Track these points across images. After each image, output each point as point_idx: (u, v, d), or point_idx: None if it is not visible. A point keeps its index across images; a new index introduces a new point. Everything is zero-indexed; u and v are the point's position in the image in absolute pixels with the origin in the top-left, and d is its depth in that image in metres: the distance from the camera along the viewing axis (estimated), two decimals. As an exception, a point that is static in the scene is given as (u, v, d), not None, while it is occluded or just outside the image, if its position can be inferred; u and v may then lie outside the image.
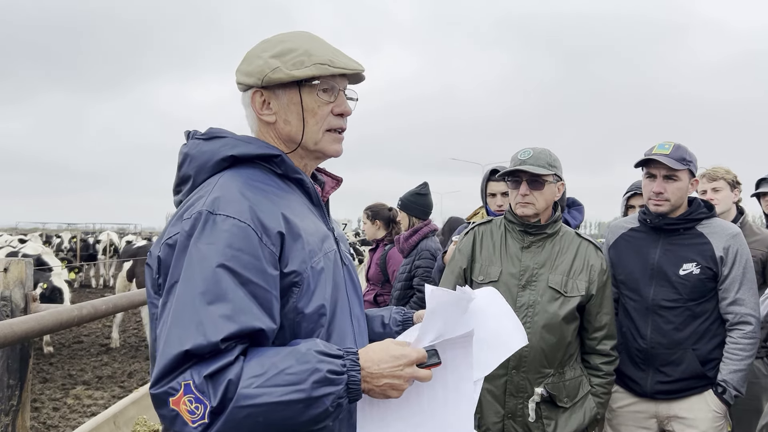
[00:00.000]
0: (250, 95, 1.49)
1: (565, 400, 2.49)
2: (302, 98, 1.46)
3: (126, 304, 3.99)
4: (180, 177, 1.47)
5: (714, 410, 2.66)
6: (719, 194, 3.71)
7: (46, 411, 6.58)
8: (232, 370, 1.19)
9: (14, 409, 3.35)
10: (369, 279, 4.98)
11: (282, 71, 1.42)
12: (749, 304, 2.66)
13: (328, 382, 1.24)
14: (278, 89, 1.46)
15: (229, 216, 1.28)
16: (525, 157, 2.55)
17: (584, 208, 3.56)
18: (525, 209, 2.55)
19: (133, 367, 8.64)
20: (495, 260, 2.60)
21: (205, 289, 1.22)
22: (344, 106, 1.51)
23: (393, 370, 1.31)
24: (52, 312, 3.16)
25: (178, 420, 1.18)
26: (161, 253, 1.32)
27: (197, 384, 1.17)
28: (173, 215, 1.40)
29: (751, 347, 2.65)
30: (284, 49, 1.45)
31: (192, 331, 1.19)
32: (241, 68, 1.50)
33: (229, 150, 1.42)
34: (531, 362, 2.46)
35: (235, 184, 1.36)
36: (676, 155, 2.66)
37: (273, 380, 1.20)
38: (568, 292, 2.50)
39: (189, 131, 1.51)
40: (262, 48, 1.49)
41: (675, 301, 2.66)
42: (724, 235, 2.69)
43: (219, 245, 1.25)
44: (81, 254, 20.69)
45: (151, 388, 1.19)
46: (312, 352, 1.25)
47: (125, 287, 10.69)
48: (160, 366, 1.19)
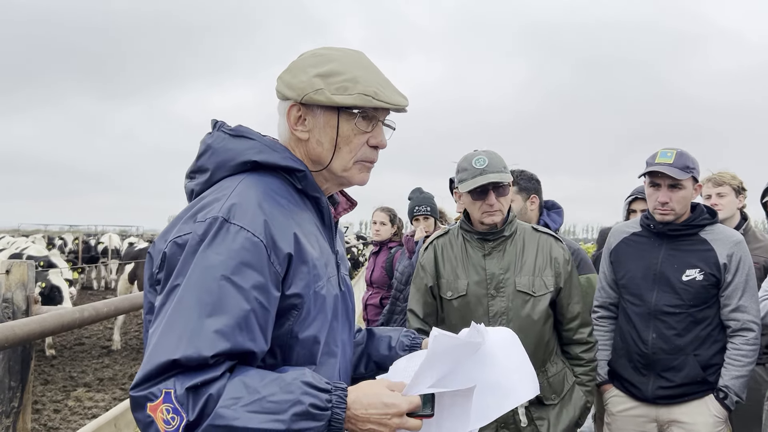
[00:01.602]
0: (287, 106, 1.43)
1: (553, 396, 2.49)
2: (339, 124, 1.41)
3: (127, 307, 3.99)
4: (197, 166, 1.44)
5: (715, 415, 2.66)
6: (724, 200, 3.70)
7: (47, 413, 6.57)
8: (214, 386, 1.15)
9: (15, 411, 3.35)
10: (373, 282, 4.96)
11: (324, 94, 1.37)
12: (751, 311, 2.66)
13: (310, 416, 1.18)
14: (317, 109, 1.41)
15: (243, 228, 1.24)
16: (482, 165, 2.45)
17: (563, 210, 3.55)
18: (494, 217, 2.50)
19: (134, 369, 8.63)
20: (460, 273, 2.55)
21: (205, 300, 1.18)
22: (380, 139, 1.46)
23: (380, 418, 1.25)
24: (54, 314, 3.16)
25: (152, 427, 1.14)
26: (167, 249, 1.28)
27: (178, 395, 1.13)
28: (185, 210, 1.35)
29: (753, 353, 2.65)
30: (331, 70, 1.39)
31: (184, 341, 1.15)
32: (284, 77, 1.44)
33: (254, 155, 1.38)
34: None
35: (254, 193, 1.32)
36: (680, 164, 2.65)
37: (253, 405, 1.15)
38: (537, 292, 2.48)
39: (217, 121, 1.46)
40: (310, 62, 1.42)
41: (677, 306, 2.66)
42: (727, 242, 2.69)
43: (227, 257, 1.21)
44: (83, 256, 20.71)
45: (132, 390, 1.16)
46: (298, 383, 1.20)
47: (127, 289, 10.69)
48: (144, 369, 1.15)
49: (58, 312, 3.25)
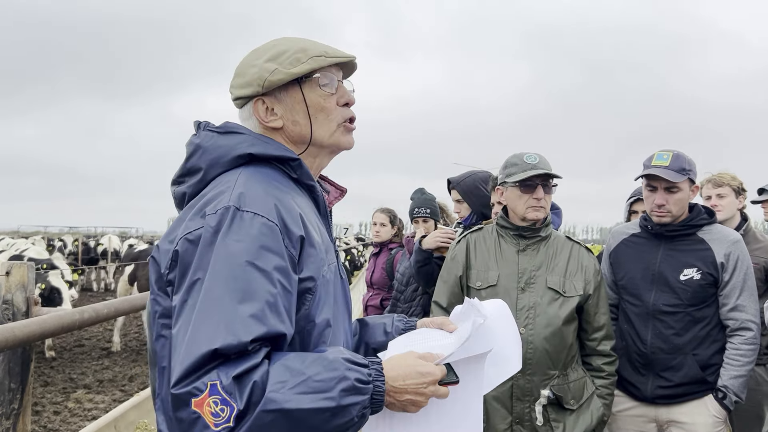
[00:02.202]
0: (251, 107, 1.46)
1: (572, 401, 2.49)
2: (305, 96, 1.45)
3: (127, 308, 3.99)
4: (187, 168, 1.43)
5: (714, 415, 2.66)
6: (724, 200, 3.70)
7: (47, 415, 6.57)
8: (257, 373, 1.14)
9: (15, 413, 3.34)
10: (373, 283, 4.95)
11: (281, 72, 1.42)
12: (750, 310, 2.67)
13: (356, 391, 1.20)
14: (280, 92, 1.45)
15: (257, 213, 1.25)
16: (534, 161, 2.56)
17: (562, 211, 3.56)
18: (538, 213, 2.56)
19: (134, 370, 8.63)
20: (491, 265, 2.60)
21: (234, 287, 1.18)
22: (348, 96, 1.50)
23: (417, 387, 1.28)
24: (54, 315, 3.16)
25: (199, 423, 1.11)
26: (179, 247, 1.26)
27: (224, 385, 1.11)
28: (186, 210, 1.35)
29: (752, 353, 2.65)
30: (277, 51, 1.44)
31: (221, 329, 1.14)
32: (235, 83, 1.48)
33: (247, 147, 1.39)
34: (536, 364, 2.45)
35: (257, 181, 1.34)
36: (676, 166, 2.66)
37: (301, 386, 1.16)
38: (567, 293, 2.51)
39: (200, 122, 1.48)
40: (254, 56, 1.47)
41: (675, 306, 2.67)
42: (725, 241, 2.70)
43: (248, 243, 1.22)
44: (82, 258, 20.71)
45: (173, 388, 1.12)
46: (340, 360, 1.22)
47: (126, 291, 10.69)
48: (185, 364, 1.12)
49: (58, 314, 3.25)
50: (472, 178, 3.61)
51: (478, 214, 3.58)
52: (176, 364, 1.14)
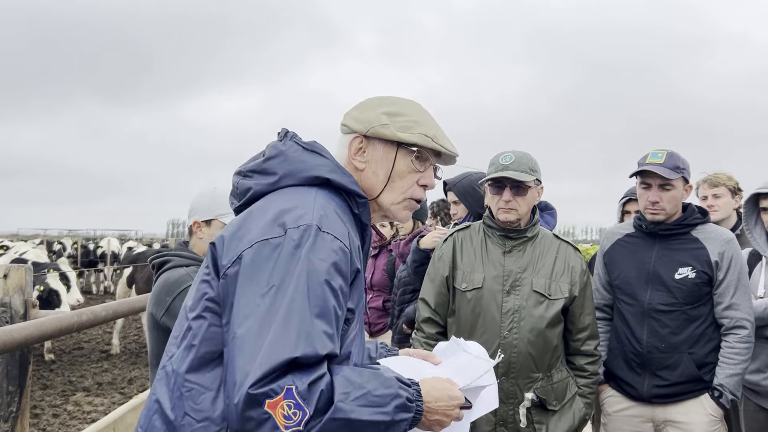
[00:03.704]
0: (350, 138, 1.56)
1: (554, 403, 2.50)
2: (396, 159, 1.54)
3: (126, 311, 4.00)
4: (262, 168, 1.50)
5: (710, 414, 2.67)
6: (720, 200, 3.72)
7: (45, 417, 6.57)
8: (323, 382, 1.23)
9: (14, 416, 3.35)
10: (374, 285, 4.95)
11: (389, 129, 1.52)
12: (744, 308, 2.68)
13: (406, 408, 1.31)
14: (378, 142, 1.54)
15: (337, 238, 1.34)
16: (507, 162, 2.53)
17: (557, 212, 3.56)
18: (508, 215, 2.54)
19: (133, 373, 8.63)
20: (477, 266, 2.59)
21: (315, 302, 1.26)
22: (430, 180, 1.59)
23: (446, 410, 1.40)
24: (52, 318, 3.17)
25: (268, 423, 1.18)
26: (253, 250, 1.31)
27: (300, 390, 1.19)
28: (259, 213, 1.40)
29: (747, 351, 2.66)
30: (396, 110, 1.55)
31: (303, 340, 1.21)
32: (352, 113, 1.58)
33: (327, 173, 1.47)
34: (520, 368, 2.46)
35: (332, 207, 1.41)
36: (670, 164, 2.68)
37: (362, 399, 1.25)
38: (552, 295, 2.51)
39: (287, 131, 1.55)
40: (377, 103, 1.58)
41: (671, 305, 2.68)
42: (718, 240, 2.71)
43: (328, 263, 1.30)
44: (82, 260, 20.70)
45: (251, 387, 1.17)
46: (393, 378, 1.33)
47: (125, 293, 10.69)
48: (264, 367, 1.18)
49: (57, 316, 3.26)
50: (468, 179, 3.61)
51: (475, 215, 3.59)
52: (251, 365, 1.19)
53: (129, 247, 18.91)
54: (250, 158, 1.59)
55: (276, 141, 1.54)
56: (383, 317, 4.76)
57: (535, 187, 2.58)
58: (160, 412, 1.36)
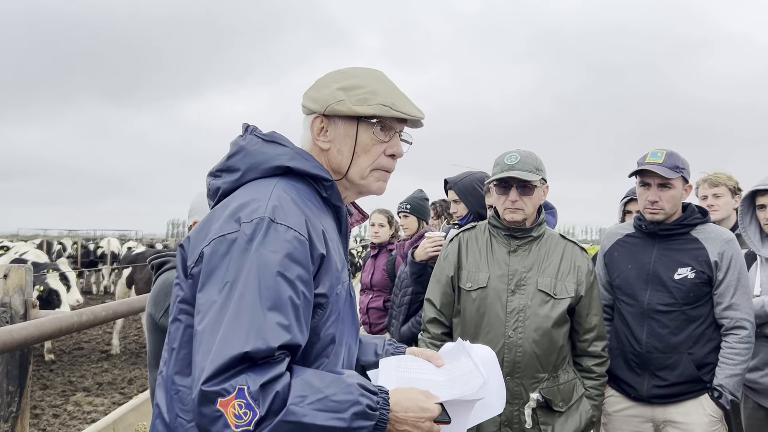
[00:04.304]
0: (311, 119, 1.54)
1: (561, 404, 2.49)
2: (358, 133, 1.52)
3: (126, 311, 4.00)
4: (227, 165, 1.51)
5: (710, 414, 2.67)
6: (720, 200, 3.72)
7: (45, 418, 6.57)
8: (280, 383, 1.22)
9: (14, 416, 3.35)
10: (374, 285, 4.94)
11: (346, 104, 1.49)
12: (744, 309, 2.68)
13: (365, 416, 1.29)
14: (338, 120, 1.52)
15: (291, 227, 1.32)
16: (513, 162, 2.53)
17: (557, 211, 3.56)
18: (514, 215, 2.54)
19: (133, 373, 8.62)
20: (482, 266, 2.59)
21: (266, 295, 1.25)
22: (397, 148, 1.56)
23: (416, 421, 1.37)
24: (52, 318, 3.17)
25: (219, 421, 1.18)
26: (211, 246, 1.32)
27: (252, 391, 1.19)
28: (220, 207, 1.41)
29: (747, 352, 2.66)
30: (352, 84, 1.52)
31: (253, 334, 1.21)
32: (308, 93, 1.56)
33: (286, 160, 1.47)
34: (525, 368, 2.46)
35: (290, 196, 1.40)
36: (669, 163, 2.68)
37: (318, 404, 1.24)
38: (558, 295, 2.50)
39: (248, 126, 1.55)
40: (332, 78, 1.55)
41: (670, 305, 2.68)
42: (718, 240, 2.71)
43: (281, 254, 1.29)
44: (82, 261, 20.70)
45: (203, 384, 1.18)
46: (355, 385, 1.31)
47: (125, 294, 10.69)
48: (216, 364, 1.19)
49: (57, 316, 3.26)
50: (469, 178, 3.62)
51: (475, 215, 3.59)
52: (205, 361, 1.21)
53: (129, 248, 18.90)
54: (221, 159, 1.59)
55: (237, 137, 1.54)
56: (383, 317, 4.75)
57: (541, 187, 2.58)
58: (160, 417, 1.39)
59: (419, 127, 1.61)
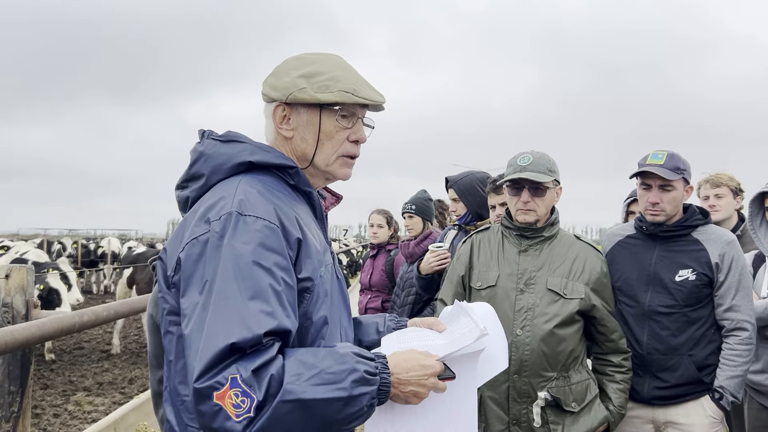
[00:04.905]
0: (272, 108, 1.54)
1: (573, 404, 2.48)
2: (321, 120, 1.51)
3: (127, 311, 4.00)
4: (190, 174, 1.51)
5: (711, 416, 2.67)
6: (722, 201, 3.72)
7: (46, 417, 6.57)
8: (273, 366, 1.22)
9: (15, 416, 3.35)
10: (372, 286, 4.95)
11: (307, 92, 1.49)
12: (745, 310, 2.68)
13: (365, 381, 1.29)
14: (300, 107, 1.52)
15: (260, 217, 1.33)
16: (525, 163, 2.54)
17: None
18: (526, 216, 2.56)
19: (134, 373, 8.63)
20: (492, 265, 2.60)
21: (244, 285, 1.25)
22: (360, 134, 1.57)
23: (419, 379, 1.38)
24: (53, 318, 3.17)
25: (220, 415, 1.18)
26: (184, 252, 1.33)
27: (245, 378, 1.19)
28: (190, 214, 1.42)
29: (748, 353, 2.66)
30: (313, 71, 1.51)
31: (236, 325, 1.21)
32: (268, 81, 1.55)
33: (247, 156, 1.47)
34: (532, 366, 2.45)
35: (256, 188, 1.41)
36: (670, 165, 2.68)
37: (315, 379, 1.24)
38: (568, 294, 2.50)
39: (204, 131, 1.55)
40: (292, 65, 1.54)
41: (671, 307, 2.68)
42: (719, 241, 2.71)
43: (253, 244, 1.29)
44: (82, 260, 20.70)
45: (195, 382, 1.19)
46: (349, 354, 1.31)
47: (126, 294, 10.69)
48: (204, 360, 1.19)
49: (58, 316, 3.26)
50: (470, 178, 3.62)
51: (474, 214, 3.60)
52: (195, 360, 1.21)
53: (129, 247, 18.90)
54: None
55: (195, 144, 1.54)
56: None
57: (554, 188, 2.59)
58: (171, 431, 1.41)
59: (381, 111, 1.62)
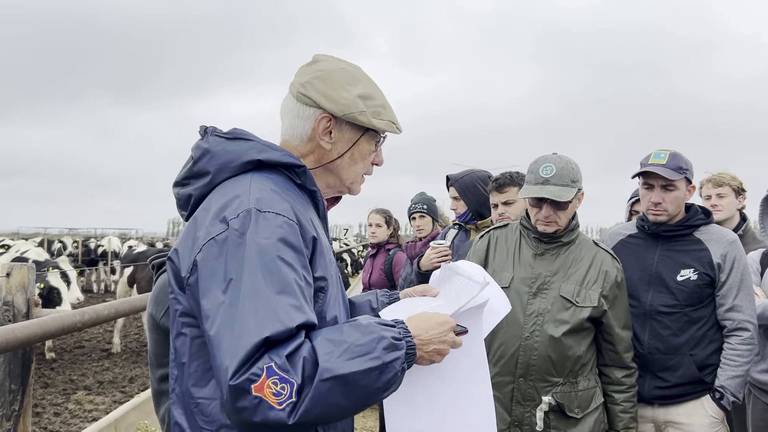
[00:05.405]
0: (316, 115, 1.52)
1: (577, 410, 2.46)
2: (359, 141, 1.55)
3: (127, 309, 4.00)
4: (194, 171, 1.49)
5: (711, 416, 2.67)
6: (724, 200, 3.71)
7: (47, 416, 6.57)
8: (303, 349, 1.22)
9: (16, 414, 3.35)
10: (372, 285, 4.95)
11: (366, 116, 1.51)
12: (747, 310, 2.67)
13: (394, 347, 1.30)
14: (346, 125, 1.53)
15: (279, 214, 1.33)
16: (548, 174, 2.46)
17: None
18: (547, 227, 2.52)
19: (134, 372, 8.63)
20: (507, 266, 2.57)
21: (272, 279, 1.25)
22: (381, 158, 1.63)
23: (440, 336, 1.40)
24: (54, 317, 3.17)
25: (262, 406, 1.17)
26: (203, 252, 1.31)
27: (279, 365, 1.18)
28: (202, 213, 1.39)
29: (749, 353, 2.66)
30: (366, 93, 1.53)
31: (268, 319, 1.21)
32: (319, 87, 1.52)
33: (256, 154, 1.46)
34: (538, 370, 2.44)
35: (269, 186, 1.40)
36: (673, 165, 2.67)
37: (347, 353, 1.25)
38: (580, 303, 2.46)
39: (206, 127, 1.53)
40: (344, 78, 1.53)
41: (672, 306, 2.67)
42: (721, 241, 2.70)
43: (275, 239, 1.29)
44: (83, 259, 20.71)
45: (231, 380, 1.17)
46: (373, 323, 1.33)
47: (126, 293, 10.69)
48: (239, 356, 1.18)
49: (59, 315, 3.26)
50: (471, 176, 3.62)
51: (474, 212, 3.60)
52: (227, 358, 1.19)
53: (130, 246, 18.90)
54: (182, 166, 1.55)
55: (198, 141, 1.51)
56: None
57: (576, 195, 2.51)
58: None
59: None
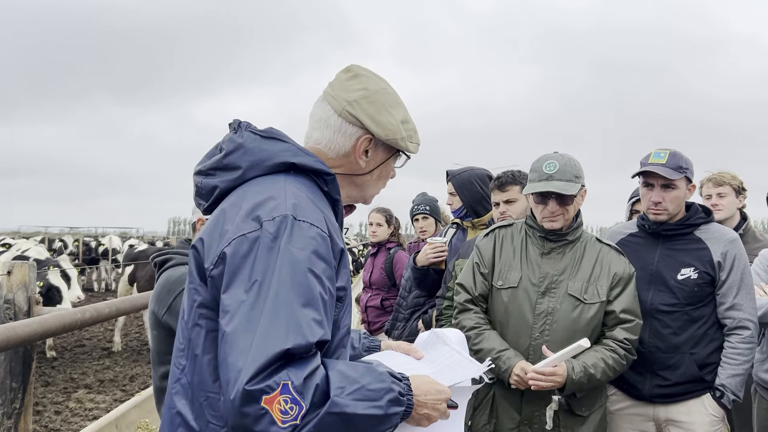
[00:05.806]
0: (358, 134, 1.54)
1: (583, 409, 2.48)
2: (389, 160, 1.60)
3: (128, 308, 4.01)
4: (224, 163, 1.48)
5: (712, 414, 2.67)
6: (724, 200, 3.72)
7: (48, 414, 6.58)
8: (318, 376, 1.23)
9: (17, 412, 3.36)
10: (372, 284, 4.95)
11: (405, 141, 1.57)
12: (747, 309, 2.67)
13: (398, 402, 1.33)
14: (382, 145, 1.57)
15: (314, 224, 1.34)
16: (551, 170, 2.48)
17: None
18: (553, 224, 2.53)
19: (135, 370, 8.64)
20: (515, 265, 2.58)
21: (299, 292, 1.26)
22: (394, 173, 1.68)
23: (434, 403, 1.42)
24: (55, 315, 3.17)
25: (265, 419, 1.17)
26: (232, 247, 1.31)
27: (296, 385, 1.19)
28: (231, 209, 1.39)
29: (750, 352, 2.66)
30: (405, 117, 1.58)
31: (292, 331, 1.22)
32: (368, 111, 1.53)
33: (290, 157, 1.46)
34: None
35: (304, 193, 1.41)
36: (673, 164, 2.67)
37: (356, 394, 1.26)
38: (588, 299, 2.47)
39: (240, 122, 1.53)
40: (388, 102, 1.56)
41: (673, 305, 2.67)
42: (722, 240, 2.70)
43: (308, 251, 1.30)
44: (83, 258, 20.72)
45: (247, 384, 1.17)
46: (385, 373, 1.35)
47: (127, 291, 10.70)
48: (259, 362, 1.18)
49: (60, 313, 3.27)
50: (469, 173, 3.63)
51: (468, 209, 3.61)
52: (242, 361, 1.19)
53: (130, 245, 18.91)
54: (205, 155, 1.56)
55: (231, 134, 1.51)
56: (381, 316, 4.76)
57: (580, 192, 2.54)
58: (184, 425, 1.38)
59: None
